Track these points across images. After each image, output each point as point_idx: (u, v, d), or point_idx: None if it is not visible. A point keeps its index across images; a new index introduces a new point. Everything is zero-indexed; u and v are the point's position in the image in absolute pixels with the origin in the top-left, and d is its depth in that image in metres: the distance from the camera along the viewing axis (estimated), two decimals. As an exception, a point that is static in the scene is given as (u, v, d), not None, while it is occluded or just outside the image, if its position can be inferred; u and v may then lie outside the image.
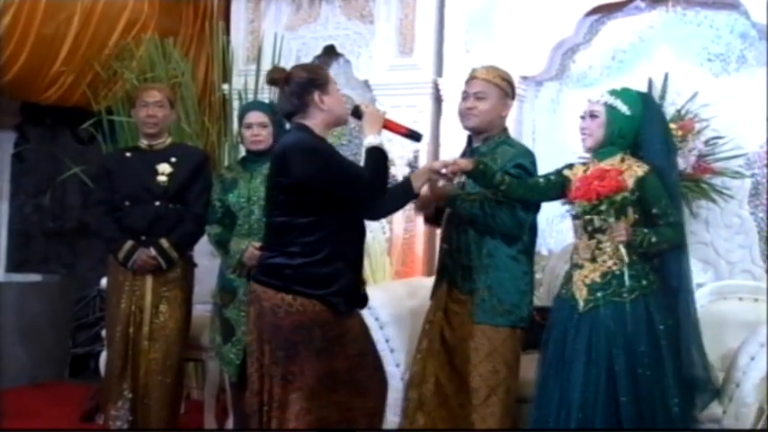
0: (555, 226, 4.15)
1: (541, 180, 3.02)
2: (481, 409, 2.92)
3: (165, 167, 3.64)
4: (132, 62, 4.77)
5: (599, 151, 2.91)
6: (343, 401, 2.75)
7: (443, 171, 2.87)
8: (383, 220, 4.33)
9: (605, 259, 2.83)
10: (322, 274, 2.71)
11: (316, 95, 2.75)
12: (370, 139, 2.75)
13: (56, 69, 4.70)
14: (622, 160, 2.87)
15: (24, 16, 4.41)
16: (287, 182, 2.70)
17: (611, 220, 2.77)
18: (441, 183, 2.95)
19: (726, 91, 3.98)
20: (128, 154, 3.79)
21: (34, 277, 5.45)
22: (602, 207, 2.74)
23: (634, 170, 2.83)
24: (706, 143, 3.90)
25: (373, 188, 2.72)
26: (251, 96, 4.74)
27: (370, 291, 3.47)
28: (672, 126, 3.84)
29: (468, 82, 3.12)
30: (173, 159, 3.67)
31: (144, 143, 3.74)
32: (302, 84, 2.75)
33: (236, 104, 4.82)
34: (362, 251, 2.86)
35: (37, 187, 5.68)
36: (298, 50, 4.83)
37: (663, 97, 4.00)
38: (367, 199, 2.75)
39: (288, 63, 4.82)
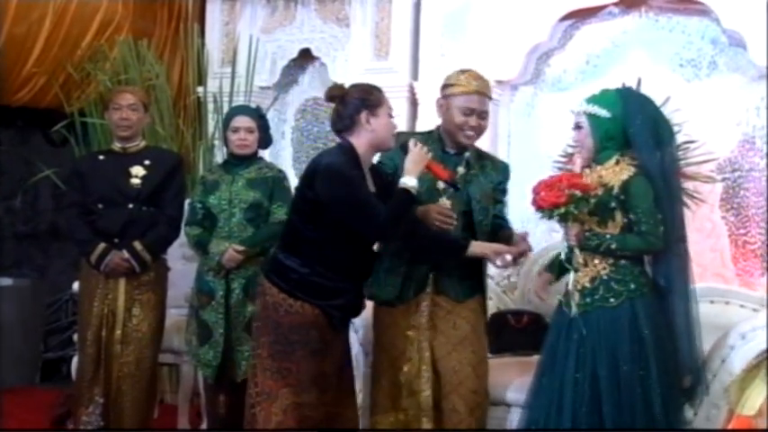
0: (529, 229, 4.16)
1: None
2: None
3: (138, 170, 3.62)
4: (106, 64, 4.74)
5: (596, 158, 2.90)
6: (331, 403, 2.85)
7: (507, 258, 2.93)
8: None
9: (595, 264, 2.84)
10: (326, 286, 2.83)
11: (363, 115, 2.83)
12: (405, 180, 2.78)
13: (28, 70, 4.66)
14: (617, 162, 2.86)
15: (-5, 16, 4.36)
16: (311, 195, 2.79)
17: (562, 223, 2.81)
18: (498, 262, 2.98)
19: (697, 96, 4.03)
20: (101, 157, 3.75)
21: (5, 281, 5.38)
22: (544, 218, 2.80)
23: (621, 173, 2.83)
24: (678, 148, 3.93)
25: (385, 229, 2.79)
26: (226, 99, 4.72)
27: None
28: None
29: (473, 96, 2.99)
30: (146, 162, 3.64)
31: (117, 146, 3.71)
32: (354, 103, 2.84)
33: (210, 107, 4.80)
34: (370, 272, 2.94)
35: (8, 190, 5.61)
36: (273, 53, 4.82)
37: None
38: (375, 237, 2.87)
39: (263, 66, 4.83)
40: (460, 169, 3.02)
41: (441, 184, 2.97)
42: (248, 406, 2.84)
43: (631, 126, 2.86)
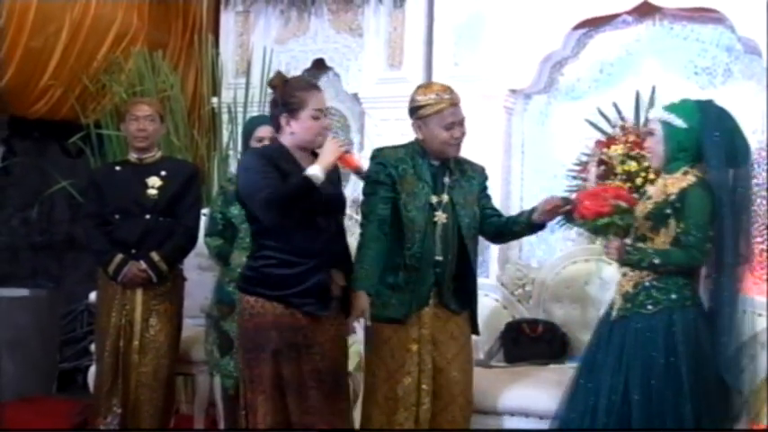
0: (544, 238, 4.17)
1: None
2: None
3: (155, 181, 3.64)
4: (121, 75, 4.77)
5: (666, 167, 2.87)
6: (313, 406, 2.76)
7: None
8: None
9: (639, 270, 2.81)
10: (284, 275, 2.76)
11: (284, 118, 2.81)
12: (314, 169, 2.72)
13: (44, 83, 4.69)
14: (685, 173, 2.82)
15: (12, 29, 4.40)
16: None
17: (601, 237, 2.78)
18: None
19: (712, 104, 4.01)
20: (117, 168, 3.78)
21: (21, 291, 5.40)
22: (585, 228, 2.77)
23: (682, 182, 2.79)
24: (751, 165, 3.88)
25: (269, 204, 2.70)
26: (240, 110, 4.74)
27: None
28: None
29: (449, 110, 2.94)
30: (163, 173, 3.66)
31: (134, 157, 3.73)
32: (276, 104, 2.84)
33: (225, 117, 4.82)
34: (337, 251, 2.84)
35: (24, 201, 5.64)
36: (287, 64, 4.84)
37: (650, 110, 4.03)
38: (261, 213, 2.74)
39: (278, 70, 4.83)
40: (446, 180, 3.00)
41: (434, 199, 2.95)
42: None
43: (707, 139, 2.80)
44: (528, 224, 3.02)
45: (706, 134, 2.81)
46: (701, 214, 2.75)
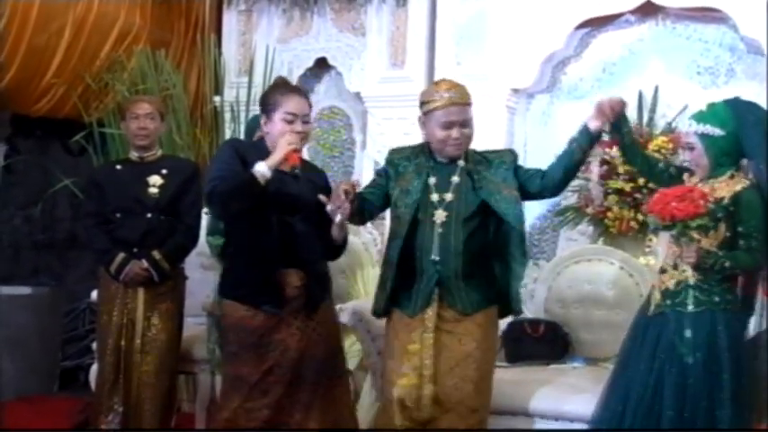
0: (549, 237, 4.16)
1: (662, 164, 3.04)
2: None
3: (156, 179, 3.64)
4: (124, 74, 4.77)
5: (711, 175, 2.82)
6: (280, 401, 2.82)
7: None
8: (375, 233, 4.33)
9: (684, 269, 2.78)
10: (240, 275, 2.87)
11: (263, 118, 2.92)
12: (260, 166, 2.74)
13: (47, 81, 4.69)
14: (731, 177, 2.80)
15: (15, 27, 4.40)
16: None
17: (684, 239, 2.72)
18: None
19: (715, 104, 4.00)
20: (118, 166, 3.78)
21: (23, 289, 5.41)
22: (675, 230, 2.70)
23: (734, 185, 2.76)
24: None
25: (211, 193, 2.76)
26: (243, 108, 4.74)
27: (363, 303, 3.49)
28: (663, 139, 3.87)
29: (447, 109, 2.89)
30: (164, 171, 3.66)
31: (135, 155, 3.73)
32: (259, 101, 2.96)
33: (227, 116, 4.83)
34: (295, 251, 2.85)
35: (27, 199, 5.64)
36: (290, 63, 4.84)
37: (653, 110, 4.03)
38: (206, 202, 2.91)
39: (279, 75, 4.84)
40: (455, 179, 2.94)
41: (435, 197, 2.92)
42: None
43: (746, 140, 2.78)
44: (584, 137, 2.88)
45: (744, 133, 2.78)
46: (758, 216, 2.72)
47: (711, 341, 2.71)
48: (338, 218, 2.75)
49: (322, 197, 2.78)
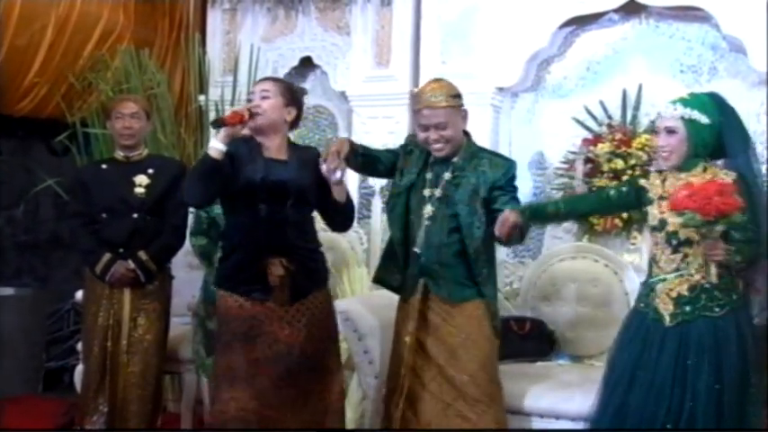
0: (534, 235, 4.17)
1: (612, 192, 2.99)
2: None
3: (142, 179, 3.62)
4: (107, 73, 4.74)
5: (681, 165, 2.78)
6: (266, 396, 2.84)
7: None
8: (360, 231, 4.33)
9: (692, 272, 2.71)
10: (227, 265, 2.94)
11: None
12: (212, 141, 2.84)
13: (29, 80, 4.66)
14: (704, 170, 2.75)
15: (-3, 26, 4.37)
16: None
17: (710, 237, 2.63)
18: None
19: (698, 102, 4.03)
20: (104, 166, 3.76)
21: (7, 290, 5.37)
22: (718, 226, 2.58)
23: (712, 178, 2.70)
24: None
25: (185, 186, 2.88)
26: (228, 108, 4.72)
27: (349, 302, 3.50)
28: (646, 137, 3.90)
29: (421, 112, 2.97)
30: (150, 171, 3.65)
31: (120, 155, 3.71)
32: None
33: (212, 115, 4.81)
34: (265, 236, 2.87)
35: (9, 199, 5.60)
36: (274, 62, 4.83)
37: (637, 108, 4.06)
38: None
39: (264, 74, 4.81)
40: (447, 175, 3.02)
41: (427, 192, 3.01)
42: None
43: (729, 134, 2.74)
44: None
45: (726, 128, 2.75)
46: (747, 208, 2.65)
47: (741, 342, 2.67)
48: (337, 175, 2.81)
49: (320, 161, 2.87)
